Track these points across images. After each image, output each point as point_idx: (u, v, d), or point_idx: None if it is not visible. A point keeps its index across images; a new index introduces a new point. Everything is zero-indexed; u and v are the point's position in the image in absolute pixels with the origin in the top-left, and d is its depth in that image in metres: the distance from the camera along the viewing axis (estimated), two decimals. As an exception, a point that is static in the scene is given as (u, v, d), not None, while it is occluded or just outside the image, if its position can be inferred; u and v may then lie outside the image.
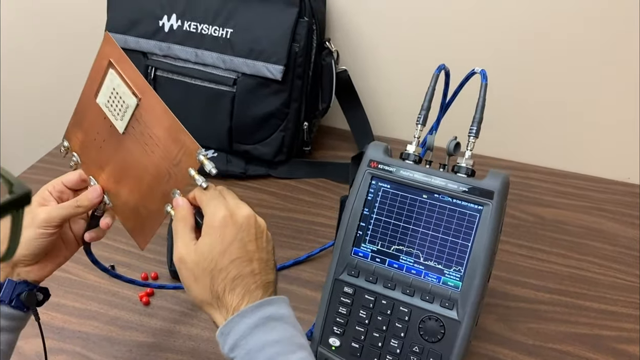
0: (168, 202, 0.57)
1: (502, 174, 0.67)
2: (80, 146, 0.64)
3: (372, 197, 0.70)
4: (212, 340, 0.76)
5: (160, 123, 0.56)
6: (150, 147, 0.57)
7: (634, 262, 0.89)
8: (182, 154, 0.55)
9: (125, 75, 0.57)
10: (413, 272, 0.68)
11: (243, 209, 0.54)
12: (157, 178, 0.58)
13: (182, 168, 0.56)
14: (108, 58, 0.58)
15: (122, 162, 0.60)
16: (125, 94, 0.57)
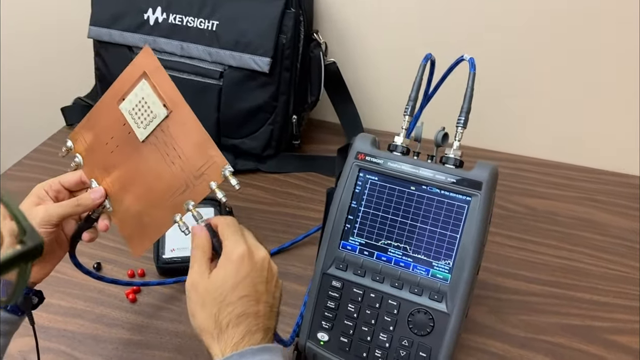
0: (178, 212, 0.59)
1: (490, 165, 0.66)
2: (86, 148, 0.65)
3: (359, 190, 0.69)
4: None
5: (189, 136, 0.58)
6: (171, 158, 0.59)
7: (626, 253, 0.89)
8: (207, 167, 0.58)
9: (159, 86, 0.59)
10: (401, 265, 0.67)
11: (261, 250, 0.55)
12: (172, 188, 0.59)
13: (203, 181, 0.58)
14: (143, 68, 0.60)
15: (134, 168, 0.61)
16: (155, 104, 0.59)
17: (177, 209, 0.59)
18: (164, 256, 0.82)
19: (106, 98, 0.63)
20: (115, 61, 1.04)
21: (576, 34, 0.97)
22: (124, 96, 0.61)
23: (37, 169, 1.06)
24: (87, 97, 1.19)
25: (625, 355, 0.73)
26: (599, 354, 0.73)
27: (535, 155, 1.10)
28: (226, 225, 0.56)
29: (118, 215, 0.63)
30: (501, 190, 0.99)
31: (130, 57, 1.02)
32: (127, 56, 1.02)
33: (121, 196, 0.63)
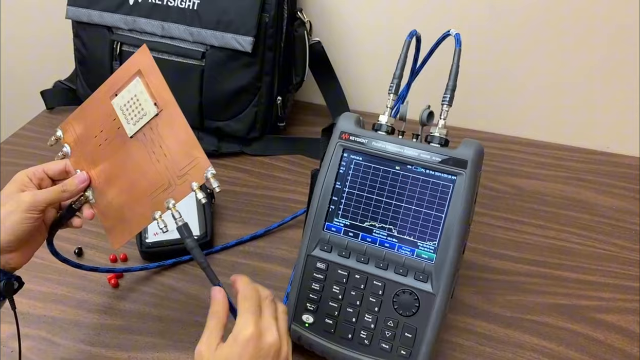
0: (158, 209, 0.60)
1: (475, 143, 0.65)
2: (75, 139, 0.66)
3: (344, 170, 0.68)
4: (182, 321, 0.74)
5: (176, 136, 0.60)
6: (157, 156, 0.61)
7: (613, 231, 0.88)
8: (191, 167, 0.59)
9: (152, 85, 0.60)
10: (386, 246, 0.66)
11: (270, 335, 0.53)
12: (154, 185, 0.61)
13: (185, 181, 0.59)
14: (138, 66, 0.61)
15: (120, 163, 0.63)
16: (147, 102, 0.60)
17: (158, 206, 0.61)
18: (147, 240, 0.81)
19: (100, 92, 0.64)
20: (95, 42, 1.01)
21: (565, 12, 0.96)
22: (117, 92, 0.63)
23: (16, 154, 1.04)
24: (67, 80, 1.17)
25: (611, 333, 0.73)
26: (585, 332, 0.73)
27: (523, 135, 1.09)
28: (243, 299, 0.55)
29: (100, 207, 0.64)
30: (489, 170, 0.99)
31: (109, 37, 0.99)
32: (106, 37, 1.00)
33: (105, 189, 0.64)
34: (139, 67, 0.61)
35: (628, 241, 0.87)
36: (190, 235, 0.58)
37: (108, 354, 0.70)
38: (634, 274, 0.81)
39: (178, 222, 0.59)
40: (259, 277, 0.79)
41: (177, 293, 0.78)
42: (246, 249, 0.84)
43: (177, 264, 0.82)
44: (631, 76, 0.98)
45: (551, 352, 0.71)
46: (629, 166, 1.02)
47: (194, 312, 0.75)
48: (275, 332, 0.54)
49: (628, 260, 0.84)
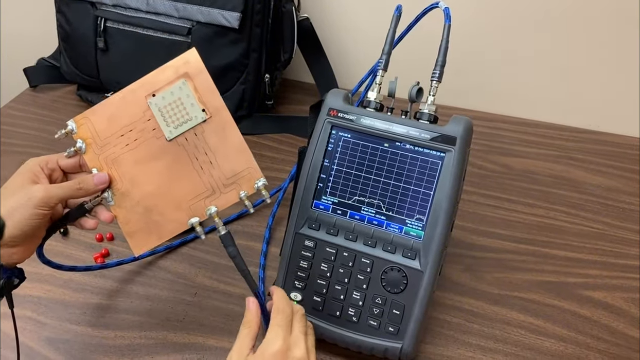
0: (196, 215, 0.60)
1: (464, 119, 0.64)
2: (93, 136, 0.61)
3: (332, 148, 0.67)
4: (169, 300, 0.73)
5: (226, 143, 0.60)
6: (200, 162, 0.60)
7: (601, 210, 0.89)
8: (241, 177, 0.60)
9: (201, 90, 0.60)
10: (375, 223, 0.65)
11: (298, 351, 0.54)
12: (195, 191, 0.60)
13: (233, 189, 0.60)
14: (185, 69, 0.60)
15: (153, 166, 0.60)
16: (194, 106, 0.60)
17: (196, 213, 0.60)
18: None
19: (132, 89, 0.61)
20: (78, 18, 0.99)
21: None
22: (156, 92, 0.60)
23: (1, 133, 1.02)
24: (51, 57, 1.14)
25: (597, 310, 0.73)
26: (572, 309, 0.74)
27: (513, 114, 1.08)
28: (276, 312, 0.56)
29: (122, 211, 0.61)
30: (478, 149, 0.99)
31: (93, 13, 0.97)
32: (89, 13, 0.97)
33: (130, 191, 0.61)
34: (186, 70, 0.60)
35: (616, 219, 0.87)
36: (232, 244, 0.60)
37: (95, 333, 0.69)
38: (621, 252, 0.82)
39: (221, 231, 0.60)
40: (248, 256, 0.78)
41: (165, 272, 0.77)
42: (234, 228, 0.84)
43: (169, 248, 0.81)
44: (622, 56, 0.98)
45: (538, 329, 0.71)
46: (618, 145, 1.02)
47: (182, 291, 0.75)
48: (304, 347, 0.54)
49: (615, 238, 0.84)
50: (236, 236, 0.81)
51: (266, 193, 0.61)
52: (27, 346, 0.67)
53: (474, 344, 0.69)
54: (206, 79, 0.60)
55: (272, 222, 0.84)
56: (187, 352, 0.67)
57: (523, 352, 0.69)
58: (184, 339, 0.69)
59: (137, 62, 0.97)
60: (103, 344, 0.68)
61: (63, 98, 1.12)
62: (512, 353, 0.68)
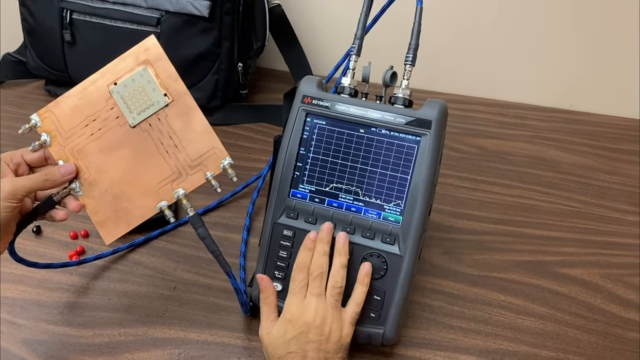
0: (165, 199, 0.61)
1: (439, 102, 0.64)
2: (57, 128, 0.61)
3: (307, 135, 0.66)
4: (148, 295, 0.72)
5: (190, 126, 0.61)
6: (165, 146, 0.61)
7: (576, 188, 0.90)
8: (206, 158, 0.61)
9: (162, 75, 0.61)
10: (353, 210, 0.65)
11: (308, 314, 0.60)
12: (162, 175, 0.61)
13: (199, 171, 0.61)
14: (145, 57, 0.61)
15: (118, 153, 0.61)
16: (156, 92, 0.60)
17: (164, 196, 0.61)
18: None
19: (93, 80, 0.61)
20: (43, 11, 0.96)
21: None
22: (117, 80, 0.61)
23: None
24: (17, 52, 1.11)
25: (575, 287, 0.75)
26: (550, 287, 0.74)
27: (487, 96, 1.09)
28: (291, 281, 0.63)
29: (90, 200, 0.62)
30: (453, 132, 0.99)
31: (57, 5, 0.94)
32: (54, 5, 0.95)
33: (97, 180, 0.61)
34: (146, 57, 0.61)
35: (591, 197, 0.88)
36: (202, 225, 0.61)
37: (72, 332, 0.68)
38: (597, 229, 0.83)
39: (189, 212, 0.61)
40: (227, 248, 0.77)
41: (142, 267, 0.76)
42: (212, 220, 0.83)
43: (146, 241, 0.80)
44: (593, 34, 0.99)
45: (517, 308, 0.72)
46: (592, 123, 1.03)
47: (161, 286, 0.74)
48: (314, 310, 0.59)
49: (591, 216, 0.85)
50: (214, 228, 0.82)
51: (232, 172, 0.62)
52: (3, 349, 0.66)
53: (455, 326, 0.70)
54: (166, 64, 0.61)
55: (252, 211, 0.83)
56: (168, 347, 0.66)
57: (504, 332, 0.69)
58: (165, 334, 0.68)
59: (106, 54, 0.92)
60: (81, 343, 0.67)
61: (31, 94, 1.09)
62: (493, 333, 0.69)
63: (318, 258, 0.62)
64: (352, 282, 0.63)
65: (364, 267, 0.63)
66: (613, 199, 0.88)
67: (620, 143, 0.99)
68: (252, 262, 0.76)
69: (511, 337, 0.69)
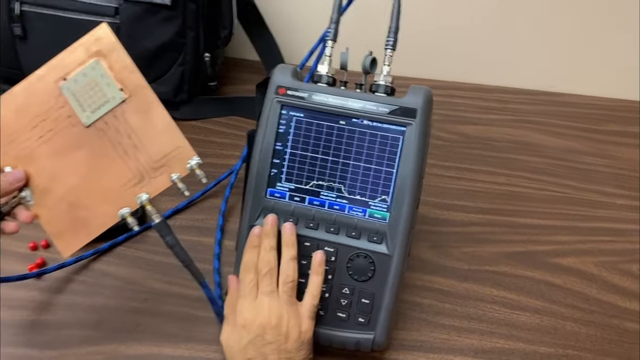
0: (127, 205, 0.56)
1: (423, 89, 0.60)
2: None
3: (284, 129, 0.61)
4: (118, 308, 0.67)
5: (150, 124, 0.55)
6: (124, 147, 0.56)
7: (563, 172, 0.87)
8: (171, 158, 0.56)
9: (117, 68, 0.55)
10: (336, 208, 0.60)
11: (261, 315, 0.56)
12: (122, 179, 0.56)
13: (163, 172, 0.56)
14: (97, 47, 0.55)
15: (73, 156, 0.56)
16: (110, 86, 0.55)
17: (126, 202, 0.56)
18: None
19: (38, 76, 0.56)
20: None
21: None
22: (67, 75, 0.55)
23: None
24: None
25: (569, 277, 0.72)
26: (544, 278, 0.71)
27: (466, 80, 1.05)
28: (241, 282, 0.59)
29: (44, 209, 0.56)
30: (434, 119, 0.93)
31: (5, -2, 0.87)
32: None
33: (51, 187, 0.56)
34: (98, 48, 0.55)
35: (579, 181, 0.85)
36: (169, 232, 0.56)
37: (35, 354, 0.62)
38: (588, 215, 0.80)
39: (155, 219, 0.56)
40: (200, 253, 0.72)
41: (110, 278, 0.70)
42: (182, 223, 0.77)
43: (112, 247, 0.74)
44: (571, 13, 0.96)
45: (512, 302, 0.69)
46: (574, 105, 1.00)
47: (131, 298, 0.68)
48: (267, 310, 0.56)
49: (580, 201, 0.82)
50: (185, 232, 0.76)
51: (201, 172, 0.57)
52: (-43, 377, 0.60)
53: (447, 325, 0.66)
54: (121, 55, 0.55)
55: (226, 209, 0.78)
56: (142, 364, 0.61)
57: (499, 329, 0.66)
58: (137, 350, 0.63)
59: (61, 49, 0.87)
60: (46, 365, 0.61)
61: (-18, 94, 1.01)
62: (488, 331, 0.66)
63: (265, 254, 0.58)
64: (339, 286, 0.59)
65: (317, 255, 0.59)
66: (601, 183, 0.86)
67: (604, 124, 0.96)
68: (228, 266, 0.71)
69: (507, 334, 0.66)
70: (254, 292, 0.58)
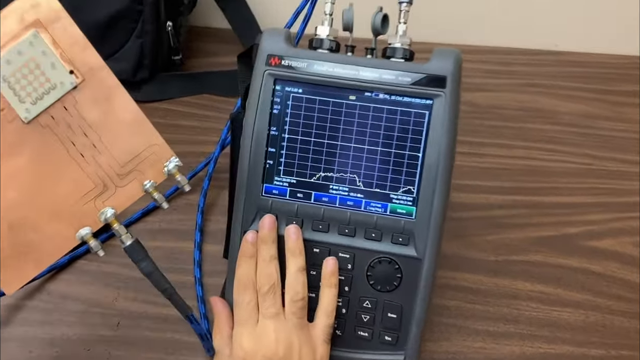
0: (87, 224, 0.45)
1: (452, 52, 0.49)
2: None
3: (279, 110, 0.49)
4: (84, 339, 0.55)
5: (113, 116, 0.45)
6: (80, 147, 0.44)
7: (582, 141, 0.78)
8: (142, 161, 0.45)
9: (64, 43, 0.43)
10: (350, 205, 0.49)
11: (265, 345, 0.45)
12: (78, 190, 0.45)
13: (133, 179, 0.46)
14: (35, 15, 0.43)
15: (12, 162, 0.43)
16: (56, 68, 0.43)
17: (86, 221, 0.45)
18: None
19: None
20: None
21: None
22: None
23: None
24: None
25: (608, 262, 0.63)
26: (581, 266, 0.62)
27: (466, 42, 0.94)
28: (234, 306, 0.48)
29: None
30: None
31: None
32: None
33: None
34: (36, 16, 0.43)
35: (600, 149, 0.76)
36: (144, 257, 0.46)
37: (-19, 409, 0.50)
38: (615, 187, 0.71)
39: (125, 241, 0.45)
40: (178, 262, 0.60)
41: (72, 301, 0.58)
42: (155, 227, 0.65)
43: (71, 261, 0.61)
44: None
45: (550, 297, 0.60)
46: (583, 64, 0.91)
47: (99, 325, 0.56)
48: (273, 338, 0.45)
49: (605, 172, 0.73)
50: (158, 237, 0.63)
51: (183, 178, 0.47)
52: None
53: (481, 331, 0.57)
54: (68, 26, 0.44)
55: (204, 205, 0.66)
56: (119, 410, 0.50)
57: (540, 331, 0.57)
58: (111, 391, 0.51)
59: None
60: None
61: None
62: (528, 334, 0.57)
63: (264, 266, 0.47)
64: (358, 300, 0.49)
65: (327, 264, 0.48)
66: (623, 150, 0.77)
67: (618, 84, 0.87)
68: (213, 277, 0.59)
69: (550, 336, 0.57)
70: (254, 316, 0.47)
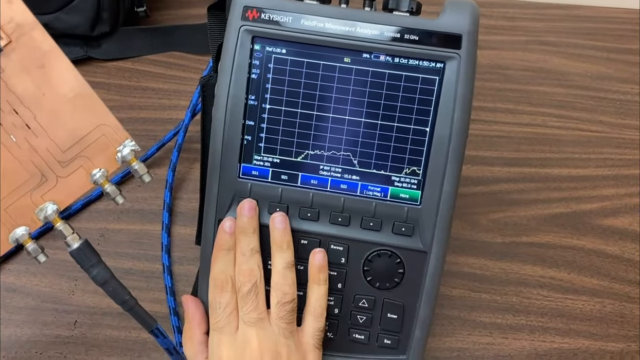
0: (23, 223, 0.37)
1: (468, 4, 0.40)
2: None
3: (258, 74, 0.41)
4: (36, 340, 0.48)
5: (51, 88, 0.36)
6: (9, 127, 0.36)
7: (594, 106, 0.70)
8: (90, 144, 0.38)
9: None
10: (344, 188, 0.41)
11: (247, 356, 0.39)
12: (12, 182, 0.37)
13: (79, 167, 0.38)
14: None
15: None
16: None
17: (21, 219, 0.37)
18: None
19: None
20: None
21: None
22: None
23: None
24: None
25: (625, 243, 0.57)
26: (596, 247, 0.56)
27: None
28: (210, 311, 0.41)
29: None
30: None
31: None
32: None
33: None
34: None
35: (615, 115, 0.69)
36: (98, 262, 0.37)
37: None
38: (632, 158, 0.65)
39: (71, 243, 0.37)
40: (144, 248, 0.53)
41: (20, 296, 0.50)
42: (117, 207, 0.57)
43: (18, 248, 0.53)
44: None
45: (563, 284, 0.54)
46: (592, 19, 0.82)
47: (53, 323, 0.49)
48: (256, 347, 0.39)
49: (621, 142, 0.67)
50: (123, 220, 0.56)
51: (141, 166, 0.38)
52: None
53: (488, 324, 0.51)
54: None
55: (173, 180, 0.58)
56: None
57: (553, 322, 0.51)
58: (68, 403, 0.44)
59: None
60: None
61: None
62: (540, 326, 0.51)
63: (244, 262, 0.40)
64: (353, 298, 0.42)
65: (315, 258, 0.41)
66: (640, 116, 0.70)
67: (633, 42, 0.79)
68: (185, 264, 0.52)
69: (563, 328, 0.51)
70: (234, 321, 0.40)
